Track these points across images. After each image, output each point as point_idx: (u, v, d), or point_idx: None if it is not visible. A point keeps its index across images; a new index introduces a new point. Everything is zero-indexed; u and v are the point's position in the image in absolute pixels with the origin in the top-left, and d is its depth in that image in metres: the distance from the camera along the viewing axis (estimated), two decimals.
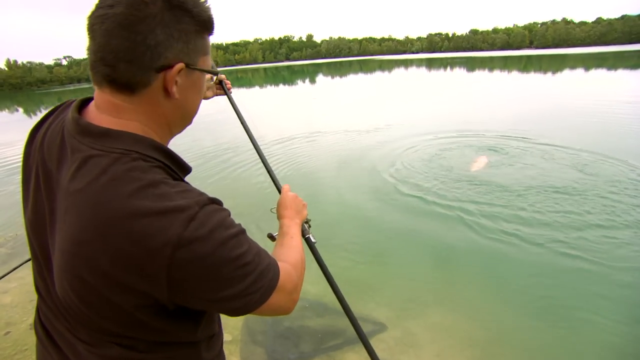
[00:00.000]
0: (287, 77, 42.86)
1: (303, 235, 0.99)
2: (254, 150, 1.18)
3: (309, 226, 1.05)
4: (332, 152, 6.69)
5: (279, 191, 1.06)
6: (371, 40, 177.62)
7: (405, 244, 3.53)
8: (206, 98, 1.06)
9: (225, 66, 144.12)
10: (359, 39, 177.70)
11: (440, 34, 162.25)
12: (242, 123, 1.21)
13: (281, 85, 29.24)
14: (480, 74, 27.52)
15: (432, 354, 2.22)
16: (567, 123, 7.85)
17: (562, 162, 5.24)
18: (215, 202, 0.58)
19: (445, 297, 2.75)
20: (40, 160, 0.60)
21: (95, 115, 0.58)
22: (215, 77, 0.69)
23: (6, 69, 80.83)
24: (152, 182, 0.53)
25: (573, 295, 2.66)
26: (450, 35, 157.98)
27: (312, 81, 32.30)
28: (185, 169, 0.65)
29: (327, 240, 3.67)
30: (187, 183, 0.62)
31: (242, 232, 0.59)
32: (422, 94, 16.88)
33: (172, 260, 0.50)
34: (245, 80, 41.77)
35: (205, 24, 0.61)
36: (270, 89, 26.61)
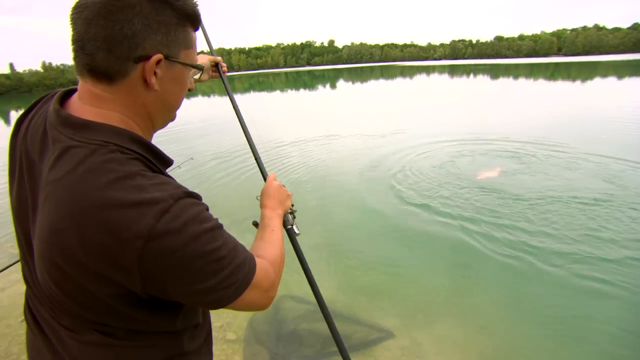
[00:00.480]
0: (308, 81, 43.17)
1: (285, 225, 0.99)
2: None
3: (294, 217, 1.04)
4: (346, 155, 6.67)
5: (265, 179, 1.06)
6: (393, 46, 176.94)
7: (418, 253, 3.44)
8: (201, 81, 1.09)
9: (248, 70, 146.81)
10: (380, 44, 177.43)
11: (463, 40, 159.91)
12: (234, 108, 1.22)
13: (302, 90, 29.46)
14: (505, 82, 26.87)
15: None
16: (596, 131, 7.54)
17: (588, 172, 5.02)
18: (192, 195, 0.58)
19: (455, 310, 2.66)
20: (24, 150, 0.61)
21: (78, 105, 0.59)
22: (200, 73, 0.68)
23: (42, 70, 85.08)
24: (128, 173, 0.53)
25: (591, 317, 2.50)
26: (474, 41, 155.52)
27: (333, 86, 32.39)
28: (166, 162, 0.65)
29: (339, 244, 3.65)
30: (167, 176, 0.62)
31: (218, 226, 0.59)
32: (442, 100, 16.61)
33: (144, 252, 0.50)
34: (267, 84, 42.36)
35: (189, 17, 0.61)
36: (290, 93, 26.86)
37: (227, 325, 2.51)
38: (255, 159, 1.17)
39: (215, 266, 0.56)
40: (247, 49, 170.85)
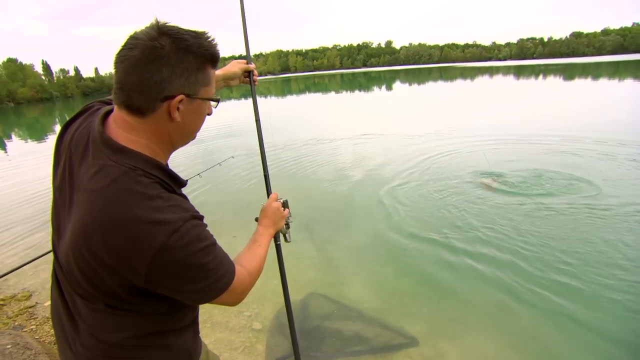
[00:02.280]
0: (363, 83, 43.01)
1: (275, 240, 1.18)
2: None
3: (288, 227, 1.18)
4: (393, 156, 6.60)
5: (268, 196, 1.18)
6: (454, 46, 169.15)
7: (462, 266, 3.20)
8: (230, 85, 1.27)
9: (304, 71, 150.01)
10: (440, 45, 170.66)
11: (533, 38, 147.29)
12: (255, 117, 1.28)
13: (356, 92, 29.41)
14: (581, 83, 24.24)
15: None
16: None
17: None
18: (196, 217, 0.73)
19: (491, 324, 2.49)
20: (68, 155, 0.78)
21: (113, 128, 0.74)
22: (216, 103, 0.81)
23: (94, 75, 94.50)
24: (150, 196, 0.68)
25: None
26: (545, 39, 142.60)
27: (389, 88, 31.90)
28: (180, 183, 0.81)
29: (376, 246, 3.63)
30: (179, 195, 0.77)
31: (213, 244, 0.75)
32: (501, 102, 15.52)
33: (153, 260, 0.66)
34: (322, 86, 42.98)
35: (208, 60, 0.75)
36: (345, 95, 26.96)
37: (254, 315, 2.64)
38: (265, 176, 1.25)
39: (204, 275, 0.72)
40: (303, 50, 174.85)
